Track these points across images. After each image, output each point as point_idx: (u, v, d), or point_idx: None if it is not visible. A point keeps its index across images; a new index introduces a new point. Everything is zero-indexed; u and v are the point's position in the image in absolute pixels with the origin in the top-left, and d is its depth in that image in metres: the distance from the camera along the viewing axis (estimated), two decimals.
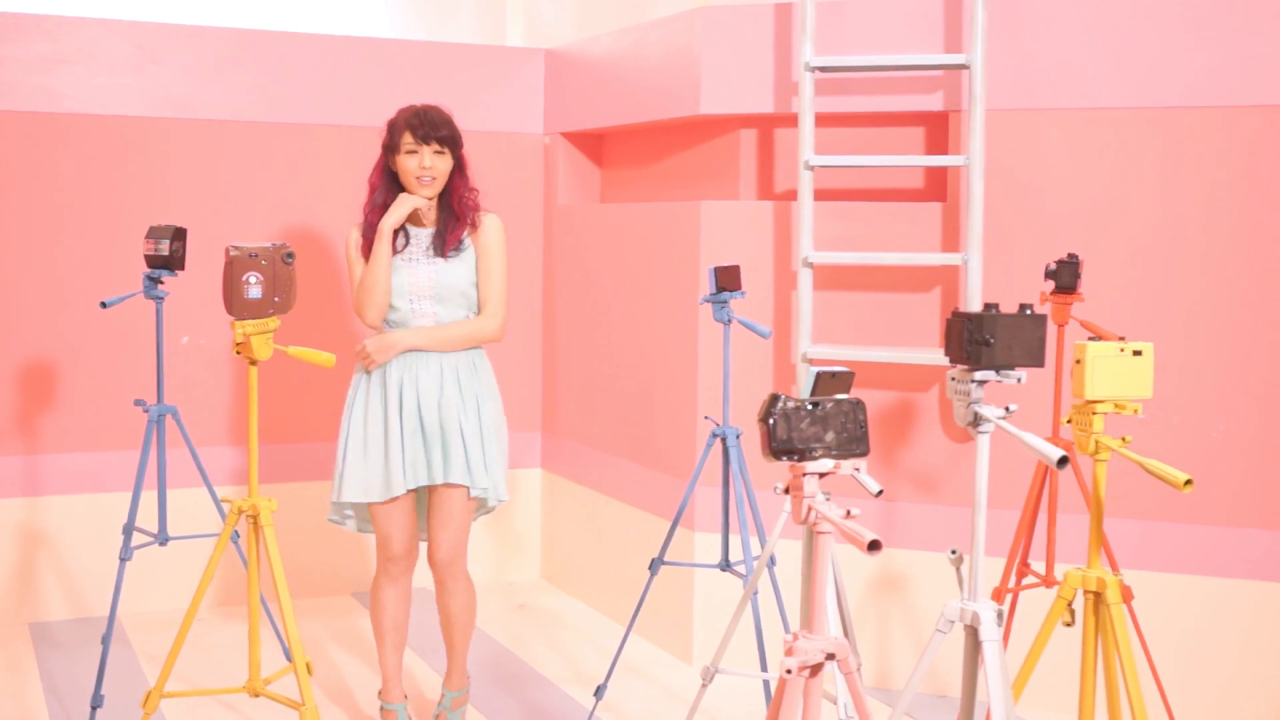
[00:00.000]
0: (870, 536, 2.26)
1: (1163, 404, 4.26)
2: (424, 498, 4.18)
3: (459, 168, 4.13)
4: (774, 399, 2.43)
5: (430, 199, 4.05)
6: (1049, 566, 4.24)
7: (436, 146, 4.04)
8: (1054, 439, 4.13)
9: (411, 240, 4.08)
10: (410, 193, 4.03)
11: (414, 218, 4.11)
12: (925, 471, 4.72)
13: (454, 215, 4.10)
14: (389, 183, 4.09)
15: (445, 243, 4.06)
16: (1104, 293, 4.36)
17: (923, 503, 4.73)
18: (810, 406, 2.45)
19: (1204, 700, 4.35)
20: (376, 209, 4.06)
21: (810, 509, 2.44)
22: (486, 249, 4.12)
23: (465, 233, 4.10)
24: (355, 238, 4.11)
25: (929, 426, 4.71)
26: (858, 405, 2.48)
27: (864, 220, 4.80)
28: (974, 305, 4.43)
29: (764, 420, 2.44)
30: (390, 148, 4.07)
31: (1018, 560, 4.17)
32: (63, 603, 5.47)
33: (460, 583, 4.18)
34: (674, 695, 4.75)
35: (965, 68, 4.49)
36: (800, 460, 2.45)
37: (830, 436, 2.46)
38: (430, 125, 4.04)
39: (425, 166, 4.00)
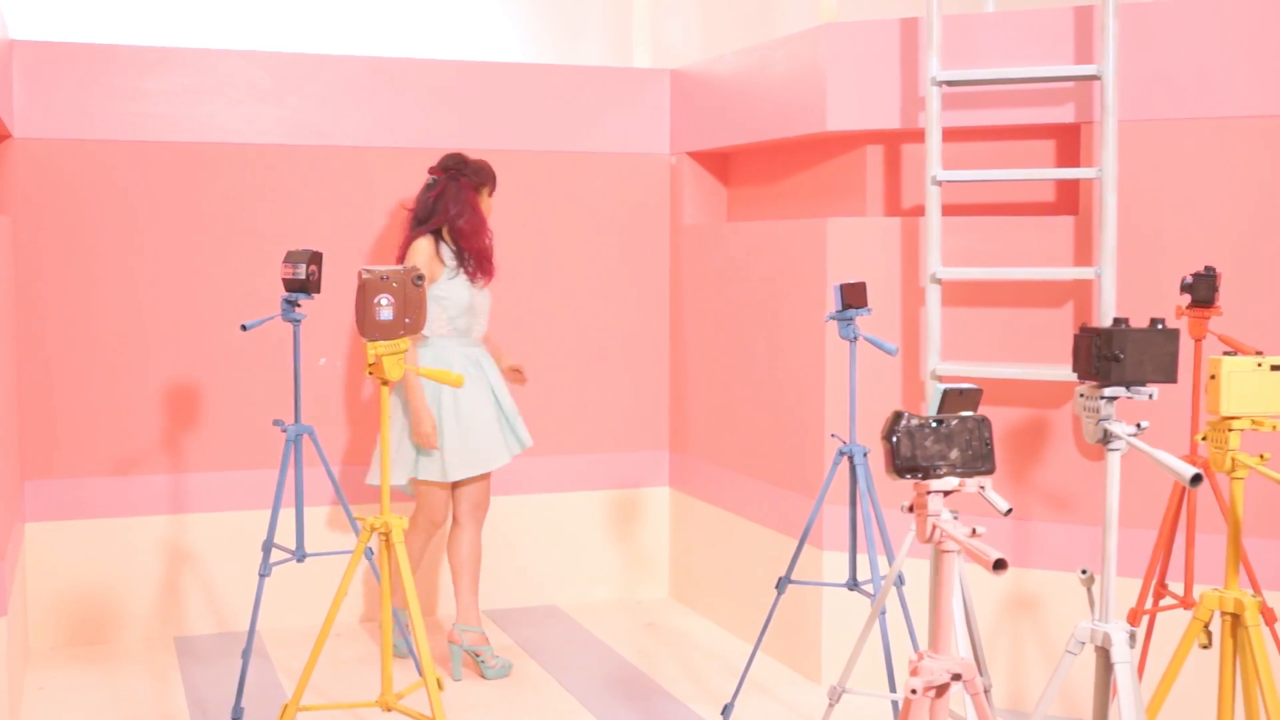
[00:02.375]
0: (995, 555, 2.23)
1: None
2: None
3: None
4: (897, 416, 2.42)
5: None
6: (1188, 587, 4.13)
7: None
8: (1190, 457, 4.04)
9: (447, 265, 5.02)
10: (484, 217, 5.09)
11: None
12: (1058, 490, 4.64)
13: (484, 255, 5.07)
14: (466, 208, 5.03)
15: (487, 275, 5.09)
16: (1243, 307, 4.25)
17: (1055, 522, 4.65)
18: (935, 424, 2.43)
19: None
20: (472, 219, 5.04)
21: (935, 527, 2.42)
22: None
23: None
24: (428, 248, 4.99)
25: (1061, 444, 4.63)
26: (983, 422, 2.45)
27: (993, 235, 4.75)
28: (1107, 320, 4.35)
29: (887, 438, 2.43)
30: (479, 188, 5.12)
31: (1155, 581, 4.08)
32: (206, 618, 5.63)
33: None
34: (801, 715, 4.72)
35: (1096, 78, 4.42)
36: (924, 478, 2.43)
37: (955, 454, 2.44)
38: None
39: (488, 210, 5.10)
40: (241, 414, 5.60)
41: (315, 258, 4.33)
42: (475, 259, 5.01)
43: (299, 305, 4.37)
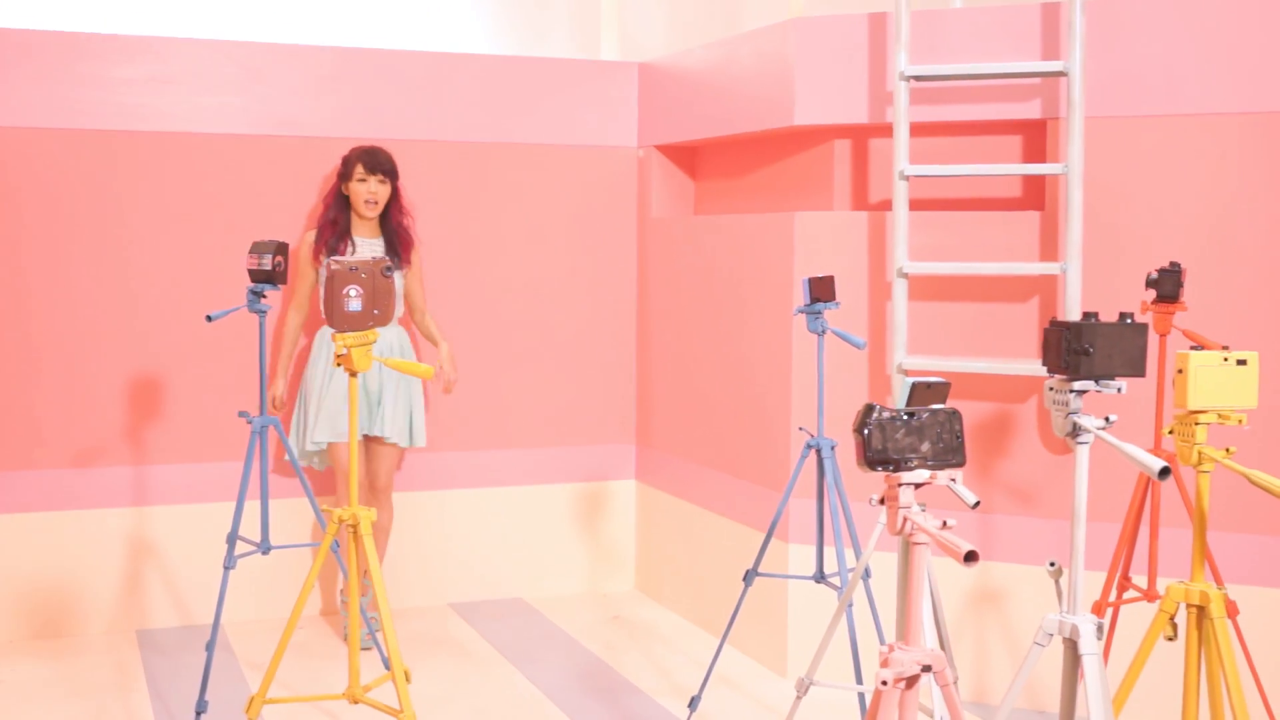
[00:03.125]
0: (967, 547, 2.24)
1: (1270, 414, 4.18)
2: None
3: (395, 197, 5.34)
4: (869, 409, 2.43)
5: (372, 218, 5.30)
6: (1151, 580, 4.17)
7: (380, 177, 5.24)
8: (1156, 450, 4.07)
9: (359, 250, 5.26)
10: (359, 211, 5.26)
11: (359, 229, 5.32)
12: (1024, 483, 4.67)
13: (398, 235, 5.35)
14: (340, 203, 5.30)
15: (402, 259, 5.33)
16: (1208, 302, 4.29)
17: (1022, 515, 4.67)
18: (906, 416, 2.44)
19: None
20: (328, 223, 5.27)
21: (906, 520, 2.43)
22: (417, 264, 5.44)
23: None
24: (310, 239, 5.31)
25: (1028, 438, 4.66)
26: (954, 415, 2.46)
27: (960, 230, 4.77)
28: (1073, 315, 4.38)
29: (859, 430, 2.43)
30: (344, 176, 5.28)
31: (1119, 574, 4.11)
32: (169, 610, 5.59)
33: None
34: (768, 707, 4.73)
35: (1063, 75, 4.45)
36: (896, 471, 2.43)
37: (926, 447, 2.45)
38: (377, 159, 5.25)
39: (371, 191, 5.23)
40: (206, 405, 5.57)
41: (281, 249, 4.30)
42: (327, 248, 5.29)
43: (264, 296, 4.34)
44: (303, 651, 5.25)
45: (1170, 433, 2.84)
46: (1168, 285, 3.95)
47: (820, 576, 4.21)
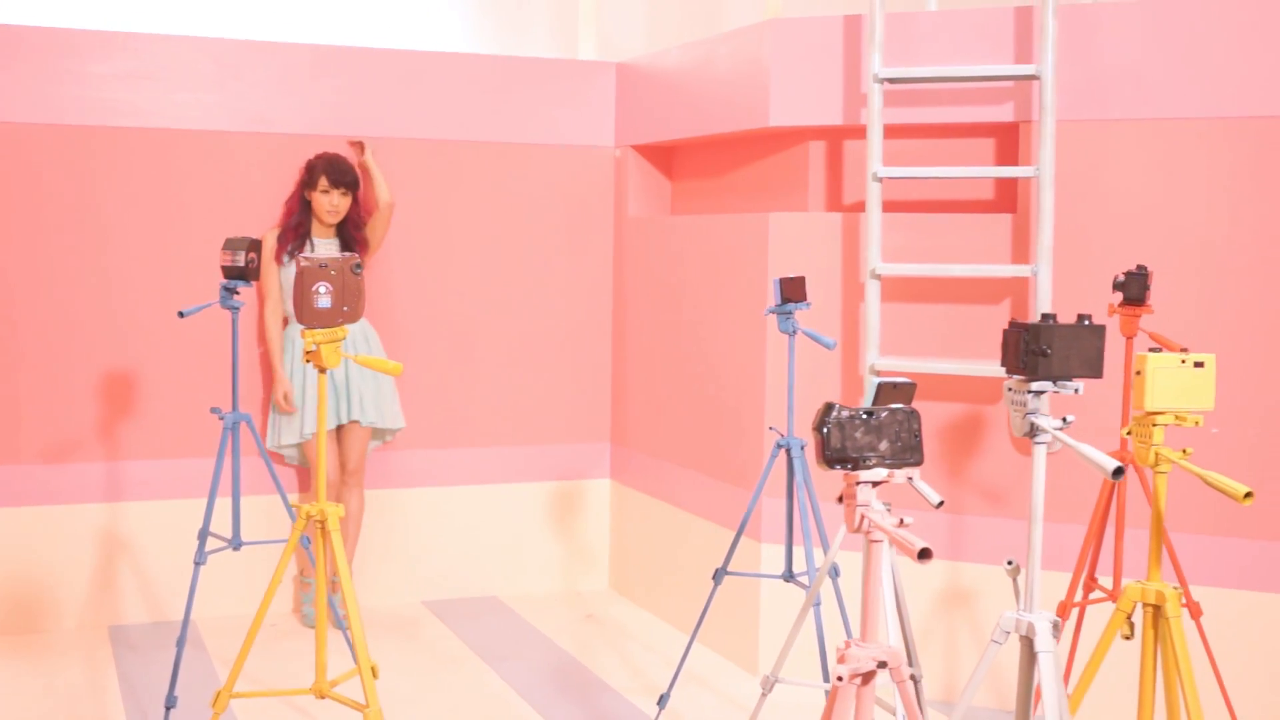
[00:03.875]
0: (920, 544, 2.26)
1: (1231, 416, 4.21)
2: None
3: (355, 204, 5.52)
4: (828, 408, 2.44)
5: (331, 225, 5.49)
6: (1116, 581, 4.19)
7: (343, 190, 5.42)
8: (1120, 452, 4.09)
9: (317, 250, 5.41)
10: (320, 218, 5.44)
11: (319, 231, 5.49)
12: (993, 484, 4.69)
13: (353, 240, 5.52)
14: (304, 208, 5.47)
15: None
16: (1175, 305, 4.32)
17: (990, 515, 4.70)
18: (865, 415, 2.46)
19: (1273, 717, 4.28)
20: (291, 228, 5.45)
21: (863, 517, 2.44)
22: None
23: None
24: (271, 242, 5.45)
25: (998, 439, 4.68)
26: (912, 414, 2.48)
27: (933, 232, 4.79)
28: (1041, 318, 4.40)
29: (818, 429, 2.45)
30: (309, 185, 5.44)
31: (1084, 574, 4.13)
32: (141, 607, 5.59)
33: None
34: (738, 705, 4.75)
35: (1035, 78, 4.47)
36: (854, 469, 2.45)
37: (884, 445, 2.46)
38: (340, 173, 5.42)
39: (334, 204, 5.42)
40: (178, 401, 5.57)
41: (254, 245, 4.31)
42: (288, 252, 5.47)
43: (237, 292, 4.34)
44: (272, 647, 5.26)
45: (1129, 434, 2.86)
46: (1134, 288, 3.97)
47: (789, 575, 4.22)
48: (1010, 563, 2.75)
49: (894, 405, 2.50)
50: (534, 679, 5.00)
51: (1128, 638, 3.65)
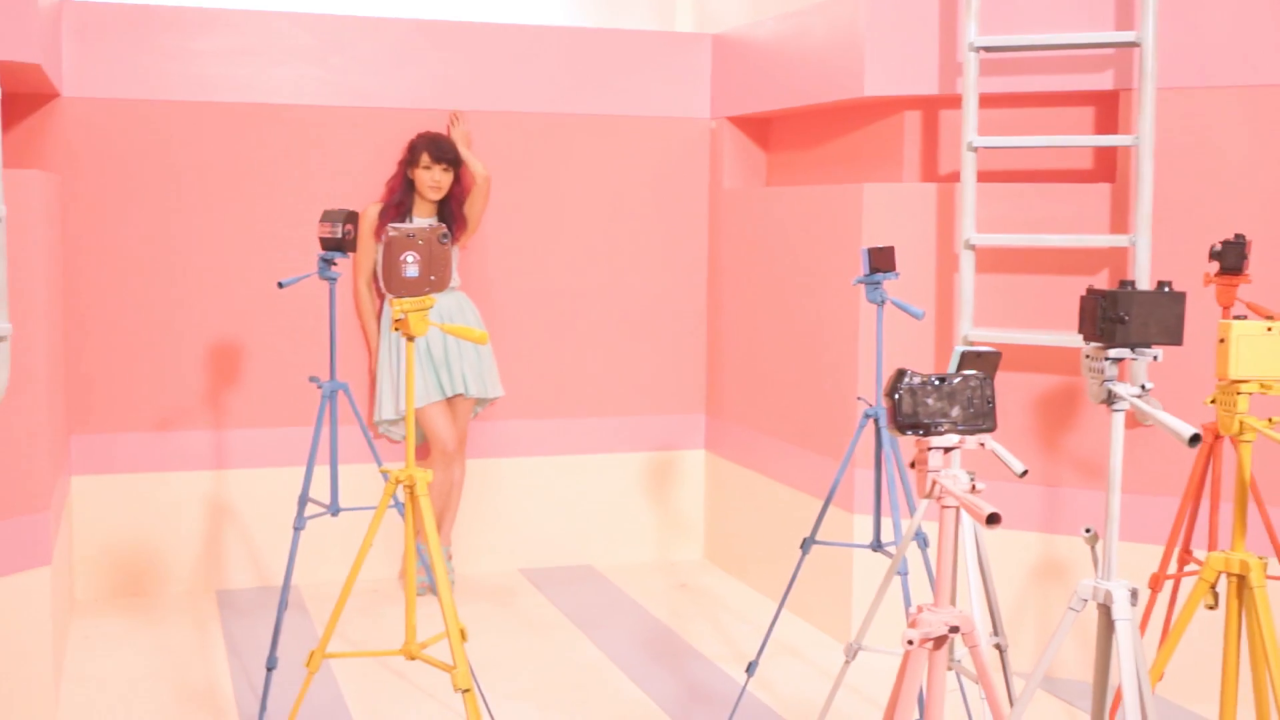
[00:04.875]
0: (989, 509, 2.26)
1: None
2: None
3: (457, 181, 5.59)
4: (900, 374, 2.44)
5: (433, 201, 5.57)
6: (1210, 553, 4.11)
7: (445, 166, 5.49)
8: (1210, 422, 4.01)
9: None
10: (423, 194, 5.53)
11: (420, 209, 5.58)
12: (1088, 457, 4.63)
13: (454, 217, 5.61)
14: (406, 187, 5.56)
15: (453, 238, 5.51)
16: (1274, 274, 4.22)
17: (1086, 488, 4.64)
18: (937, 382, 2.46)
19: None
20: (393, 205, 5.53)
21: (935, 483, 2.44)
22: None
23: None
24: (373, 215, 5.57)
25: (1094, 411, 4.62)
26: (985, 381, 2.47)
27: (1029, 202, 4.73)
28: (1142, 288, 4.33)
29: (890, 395, 2.45)
30: (411, 162, 5.53)
31: (1178, 547, 4.07)
32: (246, 571, 5.74)
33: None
34: (827, 674, 4.76)
35: (1136, 45, 4.39)
36: (925, 435, 2.45)
37: (956, 412, 2.46)
38: (442, 149, 5.51)
39: (436, 179, 5.50)
40: (278, 371, 5.70)
41: (351, 217, 4.38)
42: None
43: (334, 264, 4.42)
44: (370, 609, 5.38)
45: (1212, 402, 2.81)
46: (1231, 257, 3.89)
47: (878, 545, 4.21)
48: (1088, 530, 2.73)
49: (967, 372, 2.50)
50: (626, 646, 5.05)
51: (1211, 608, 3.58)
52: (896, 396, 2.44)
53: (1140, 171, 4.36)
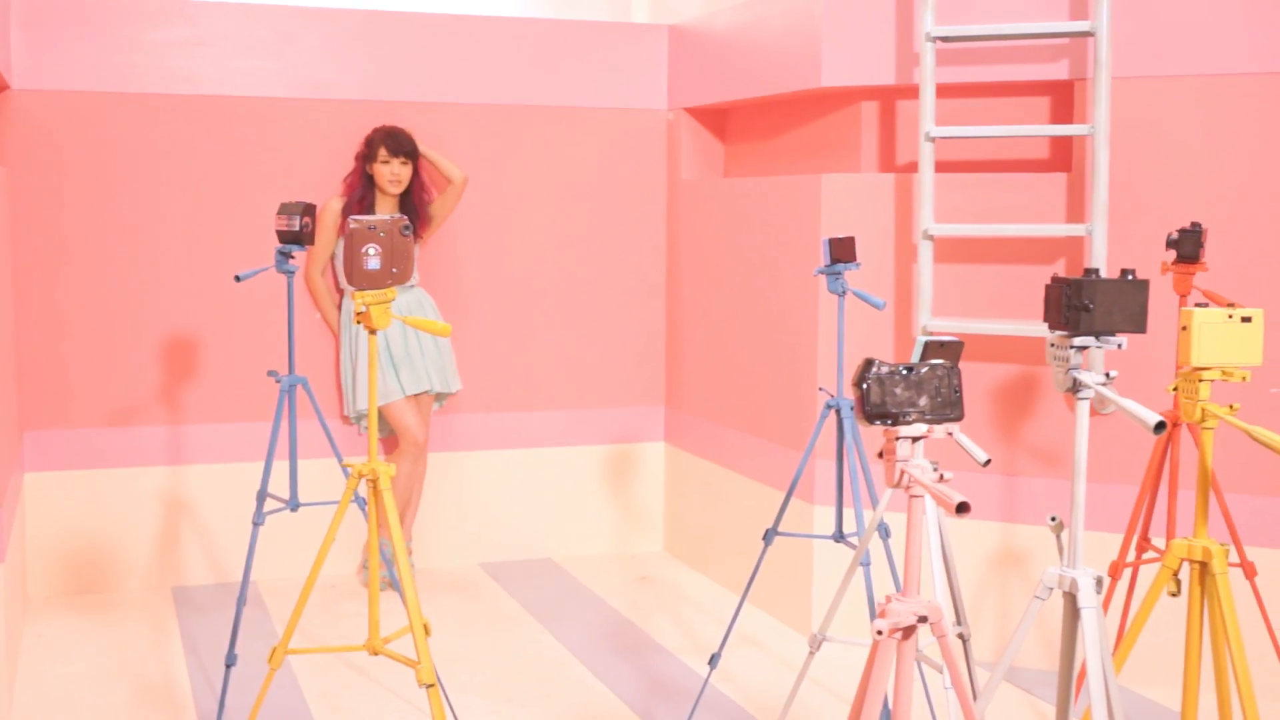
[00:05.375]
0: (958, 498, 2.26)
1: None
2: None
3: (416, 175, 5.53)
4: (868, 364, 2.44)
5: (394, 195, 5.50)
6: (1169, 541, 4.15)
7: (403, 159, 5.44)
8: (1175, 410, 4.05)
9: None
10: (383, 189, 5.46)
11: (382, 205, 5.51)
12: (1048, 446, 4.66)
13: (416, 211, 5.53)
14: (365, 183, 5.51)
15: (415, 233, 5.48)
16: (1231, 263, 4.26)
17: (1046, 477, 4.67)
18: (904, 371, 2.46)
19: None
20: (355, 202, 5.47)
21: (903, 472, 2.44)
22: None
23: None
24: (335, 209, 5.50)
25: (1052, 400, 4.65)
26: (952, 370, 2.48)
27: (986, 192, 4.75)
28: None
29: (858, 384, 2.45)
30: (369, 157, 5.47)
31: (1137, 534, 4.10)
32: (204, 568, 5.69)
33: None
34: (790, 666, 4.77)
35: (1090, 35, 4.42)
36: (894, 424, 2.45)
37: (924, 401, 2.46)
38: (398, 141, 5.44)
39: (395, 172, 5.43)
40: (236, 365, 5.65)
41: (309, 210, 4.34)
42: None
43: (292, 257, 4.38)
44: (328, 606, 5.34)
45: (1174, 389, 2.83)
46: (1188, 246, 3.92)
47: (839, 536, 4.22)
48: (1054, 519, 2.74)
49: (934, 361, 2.50)
50: (587, 639, 5.04)
51: (1174, 595, 3.62)
52: (865, 386, 2.44)
53: (1096, 161, 4.39)
